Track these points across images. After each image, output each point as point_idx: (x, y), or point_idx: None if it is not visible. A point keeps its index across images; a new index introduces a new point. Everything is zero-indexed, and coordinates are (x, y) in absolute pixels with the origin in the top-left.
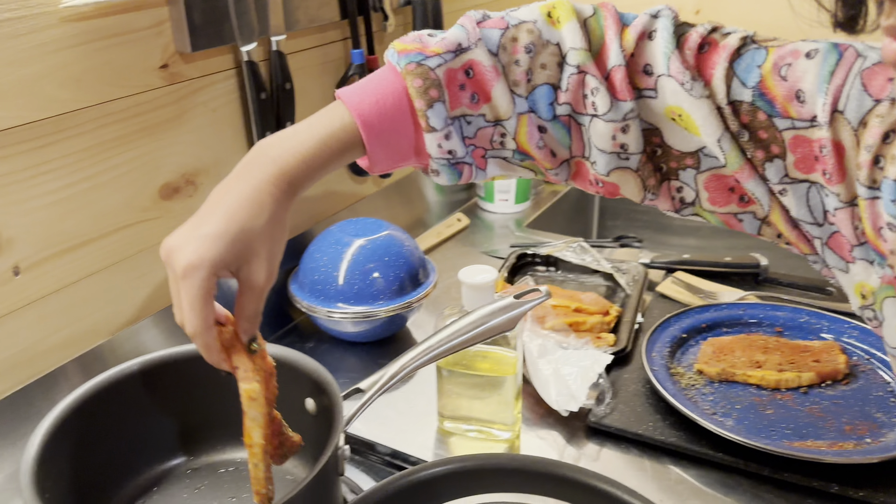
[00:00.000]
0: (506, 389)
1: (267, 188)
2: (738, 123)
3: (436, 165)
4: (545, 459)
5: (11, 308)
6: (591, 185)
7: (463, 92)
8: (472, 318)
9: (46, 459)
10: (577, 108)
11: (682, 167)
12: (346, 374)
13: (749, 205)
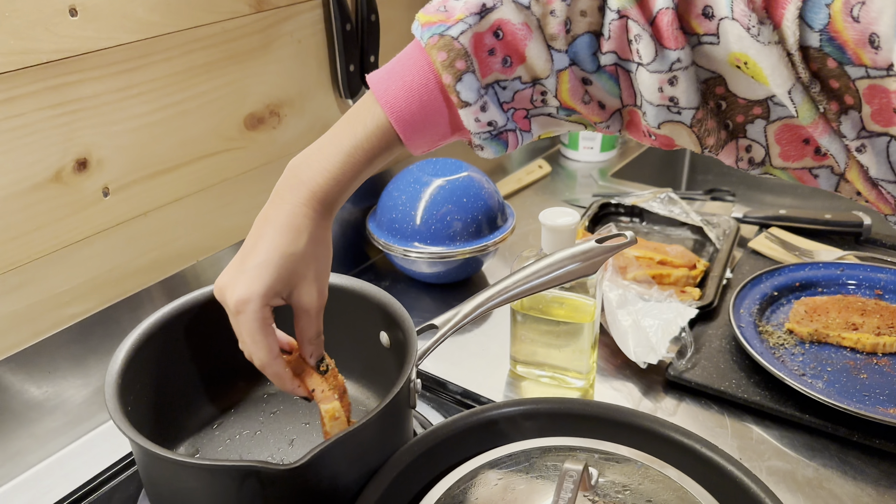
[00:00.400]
0: (582, 337)
1: (301, 211)
2: (809, 72)
3: (478, 140)
4: (620, 407)
5: (101, 228)
6: (645, 136)
7: (493, 57)
8: (550, 260)
9: (129, 375)
10: (624, 55)
11: (750, 119)
12: (421, 313)
13: (825, 158)
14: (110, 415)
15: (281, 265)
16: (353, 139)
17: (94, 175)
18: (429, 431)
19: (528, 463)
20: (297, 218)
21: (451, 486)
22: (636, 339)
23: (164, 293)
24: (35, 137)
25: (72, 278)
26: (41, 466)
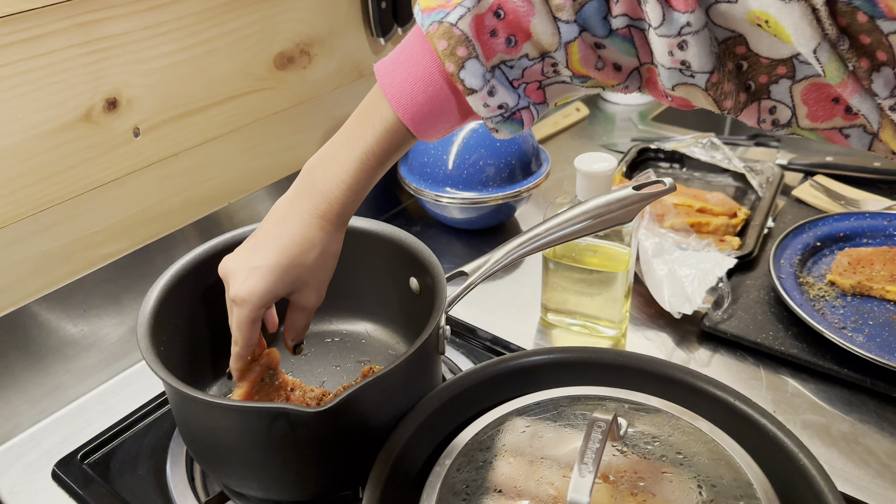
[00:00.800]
0: (615, 286)
1: (317, 223)
2: (837, 28)
3: (492, 124)
4: (651, 357)
5: (132, 168)
6: (662, 96)
7: (496, 38)
8: (586, 207)
9: (162, 315)
10: (636, 16)
11: (774, 79)
12: (451, 259)
13: (856, 118)
14: (142, 355)
15: (288, 272)
16: (365, 144)
17: (124, 115)
18: (457, 377)
19: (557, 411)
20: (311, 230)
21: (479, 432)
22: (671, 289)
23: (196, 234)
24: (64, 76)
25: (104, 218)
26: (80, 402)
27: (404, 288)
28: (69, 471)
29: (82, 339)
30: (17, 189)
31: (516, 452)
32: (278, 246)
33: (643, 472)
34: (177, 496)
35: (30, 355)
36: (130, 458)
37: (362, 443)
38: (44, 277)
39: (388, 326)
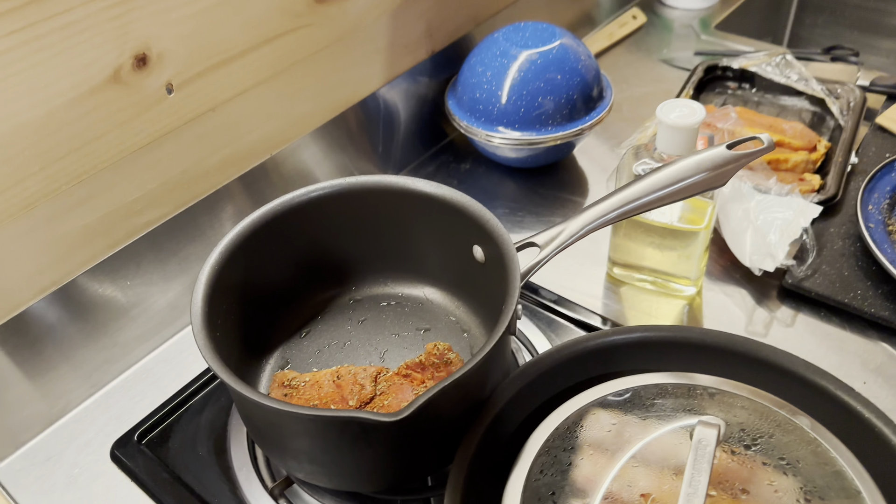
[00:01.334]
0: (694, 243)
1: None
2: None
3: None
4: (743, 338)
5: (168, 129)
6: None
7: None
8: (672, 171)
9: (215, 298)
10: None
11: None
12: (505, 202)
13: None
14: (200, 351)
15: None
16: None
17: (155, 71)
18: (532, 363)
19: (643, 403)
20: None
21: (559, 427)
22: (753, 243)
23: (242, 190)
24: (87, 35)
25: (142, 185)
26: (130, 372)
27: (466, 254)
28: (127, 452)
29: (130, 309)
30: (49, 164)
31: (602, 451)
32: None
33: (745, 480)
34: (241, 480)
35: (78, 331)
36: (189, 436)
37: (436, 438)
38: (85, 252)
39: (447, 290)
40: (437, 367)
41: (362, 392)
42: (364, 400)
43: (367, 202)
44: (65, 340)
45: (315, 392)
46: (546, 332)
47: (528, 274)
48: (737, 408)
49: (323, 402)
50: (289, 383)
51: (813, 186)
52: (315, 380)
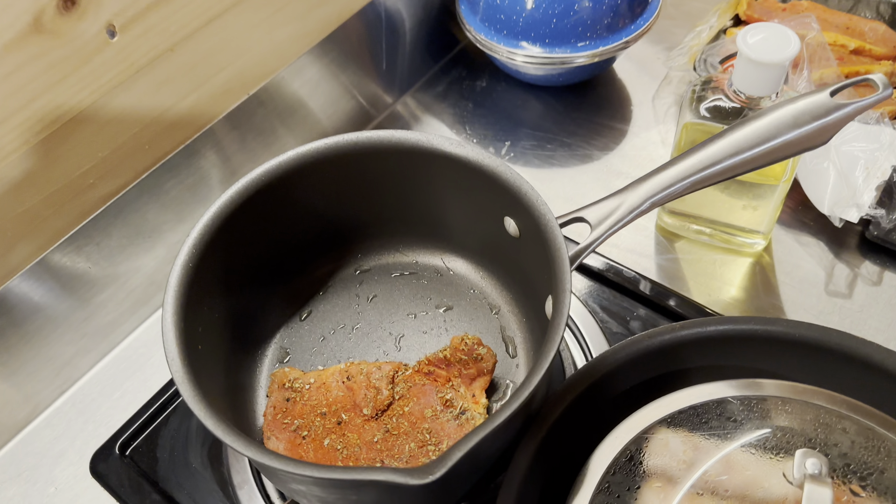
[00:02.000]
0: (769, 197)
1: None
2: None
3: None
4: (839, 332)
5: (117, 80)
6: None
7: None
8: (760, 127)
9: (192, 301)
10: None
11: None
12: (531, 130)
13: None
14: (177, 385)
15: None
16: None
17: (88, 12)
18: (584, 372)
19: (718, 421)
20: None
21: (618, 456)
22: (834, 188)
23: (219, 141)
24: None
25: (91, 153)
26: (104, 363)
27: (496, 225)
28: (110, 466)
29: (98, 293)
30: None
31: (672, 485)
32: None
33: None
34: (242, 498)
35: (35, 330)
36: (179, 444)
37: (471, 474)
38: (32, 242)
39: (471, 260)
40: (466, 363)
41: (378, 397)
42: (380, 407)
43: (373, 162)
44: (20, 345)
45: (322, 396)
46: (588, 305)
47: (577, 259)
48: (836, 430)
49: (332, 409)
50: (290, 385)
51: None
52: (321, 381)
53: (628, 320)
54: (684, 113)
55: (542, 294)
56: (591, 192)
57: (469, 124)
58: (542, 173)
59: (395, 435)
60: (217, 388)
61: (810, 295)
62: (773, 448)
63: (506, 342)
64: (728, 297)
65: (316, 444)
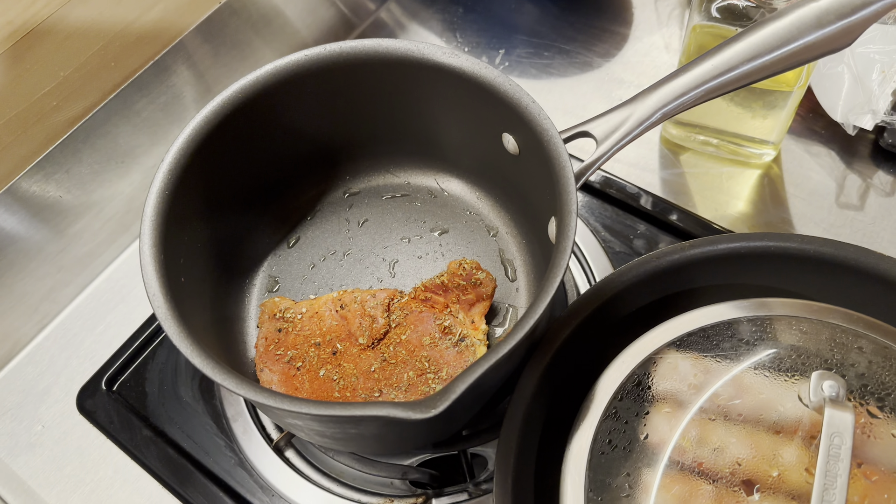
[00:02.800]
0: (781, 104)
1: None
2: None
3: None
4: (856, 247)
5: (53, 7)
6: None
7: None
8: (780, 28)
9: (170, 231)
10: None
11: None
12: (527, 36)
13: None
14: (160, 322)
15: None
16: None
17: None
18: (590, 294)
19: (730, 343)
20: None
21: (625, 381)
22: (849, 93)
23: (190, 55)
24: None
25: (51, 74)
26: (84, 295)
27: (493, 141)
28: (97, 402)
29: (68, 228)
30: None
31: (681, 410)
32: None
33: (874, 457)
34: (238, 433)
35: (8, 265)
36: (168, 377)
37: (474, 402)
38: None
39: (466, 180)
40: (464, 289)
41: (373, 326)
42: (376, 336)
43: (359, 75)
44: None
45: (316, 326)
46: (590, 223)
47: (583, 178)
48: (852, 349)
49: (326, 339)
50: (282, 315)
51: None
52: (314, 310)
53: (632, 239)
54: (693, 15)
55: (543, 215)
56: (592, 103)
57: (460, 31)
58: (539, 84)
59: (392, 364)
60: (204, 321)
61: (821, 207)
62: (788, 370)
63: (505, 265)
64: (735, 212)
65: (311, 376)
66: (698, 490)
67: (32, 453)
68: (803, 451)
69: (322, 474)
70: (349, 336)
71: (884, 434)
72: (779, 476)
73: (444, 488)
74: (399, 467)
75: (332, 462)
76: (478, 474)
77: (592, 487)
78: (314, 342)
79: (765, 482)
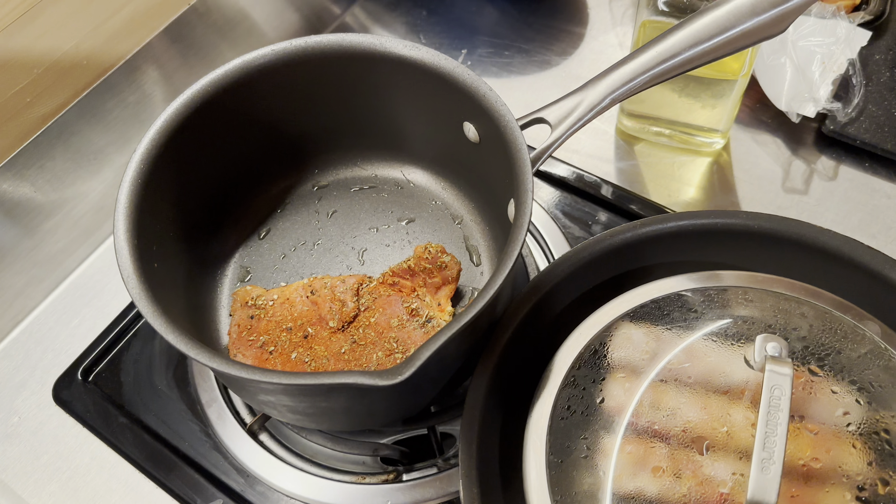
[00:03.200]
0: (728, 93)
1: None
2: None
3: None
4: (798, 222)
5: (28, 4)
6: None
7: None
8: (719, 16)
9: (142, 220)
10: None
11: None
12: (488, 37)
13: None
14: (136, 304)
15: None
16: None
17: None
18: (547, 272)
19: (680, 313)
20: None
21: (582, 351)
22: (792, 84)
23: (159, 56)
24: None
25: (25, 70)
26: (58, 292)
27: (455, 131)
28: (73, 392)
29: (46, 220)
30: None
31: (635, 376)
32: None
33: (813, 412)
34: (213, 418)
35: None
36: (143, 367)
37: (441, 375)
38: None
39: (430, 170)
40: (430, 272)
41: (343, 310)
42: (346, 319)
43: (324, 70)
44: None
45: (287, 312)
46: (550, 211)
47: (539, 161)
48: (795, 315)
49: (298, 323)
50: (254, 303)
51: (854, 0)
52: (285, 296)
53: (590, 224)
54: (642, 11)
55: (504, 200)
56: (550, 98)
57: (423, 33)
58: (500, 81)
59: (362, 345)
60: (177, 307)
61: (768, 192)
62: (734, 336)
63: (469, 251)
64: (687, 198)
65: (283, 359)
66: (652, 449)
67: (9, 443)
68: (750, 410)
69: (295, 455)
70: (320, 320)
71: (825, 390)
72: (727, 433)
73: (414, 464)
74: (370, 444)
75: (305, 443)
76: (446, 450)
77: (553, 451)
78: (286, 327)
79: (714, 440)
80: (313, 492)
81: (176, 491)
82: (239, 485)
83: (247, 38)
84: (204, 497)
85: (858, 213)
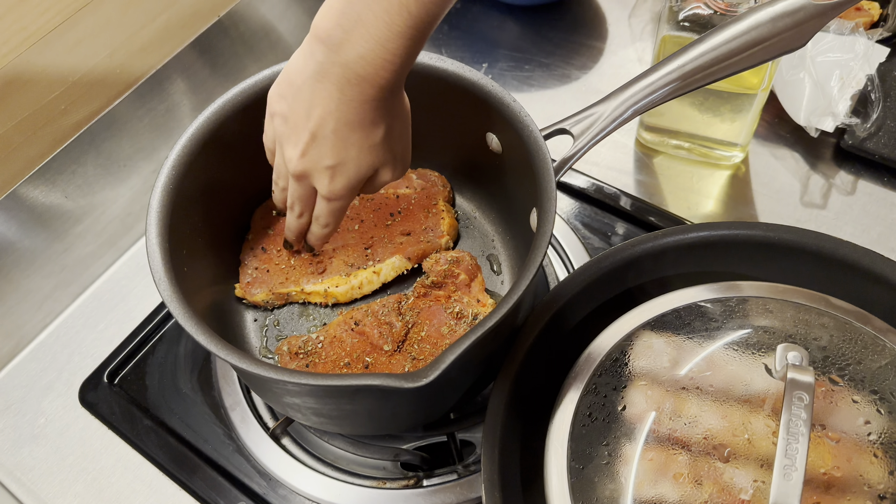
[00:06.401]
0: (747, 107)
1: (371, 107)
2: None
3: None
4: (817, 234)
5: (80, 3)
6: None
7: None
8: (738, 30)
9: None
10: None
11: None
12: (508, 51)
13: None
14: (168, 306)
15: (366, 157)
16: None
17: None
18: (567, 281)
19: (701, 322)
20: (368, 115)
21: (603, 359)
22: (811, 99)
23: (184, 71)
24: None
25: (61, 78)
26: (86, 296)
27: (477, 141)
28: (99, 395)
29: (75, 224)
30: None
31: (656, 385)
32: (340, 139)
33: (834, 423)
34: (236, 422)
35: (12, 264)
36: (168, 371)
37: (463, 381)
38: (4, 170)
39: (450, 179)
40: (452, 274)
41: (393, 331)
42: (399, 339)
43: None
44: (3, 268)
45: (339, 349)
46: (570, 222)
47: (561, 171)
48: (815, 326)
49: (354, 356)
50: (303, 351)
51: (872, 17)
52: (331, 336)
53: (609, 235)
54: (662, 26)
55: (525, 209)
56: (570, 112)
57: (445, 47)
58: (520, 95)
59: (422, 360)
60: (203, 311)
61: (786, 205)
62: (755, 345)
63: (489, 260)
64: (706, 210)
65: None
66: (674, 456)
67: (35, 444)
68: (770, 418)
69: (317, 459)
70: (374, 348)
71: (846, 400)
72: (748, 440)
73: (434, 470)
74: (391, 449)
75: (326, 447)
76: (466, 457)
77: (574, 457)
78: (344, 363)
79: (735, 447)
80: (335, 496)
81: (199, 493)
82: (261, 487)
83: (272, 50)
84: (227, 499)
85: (878, 227)
